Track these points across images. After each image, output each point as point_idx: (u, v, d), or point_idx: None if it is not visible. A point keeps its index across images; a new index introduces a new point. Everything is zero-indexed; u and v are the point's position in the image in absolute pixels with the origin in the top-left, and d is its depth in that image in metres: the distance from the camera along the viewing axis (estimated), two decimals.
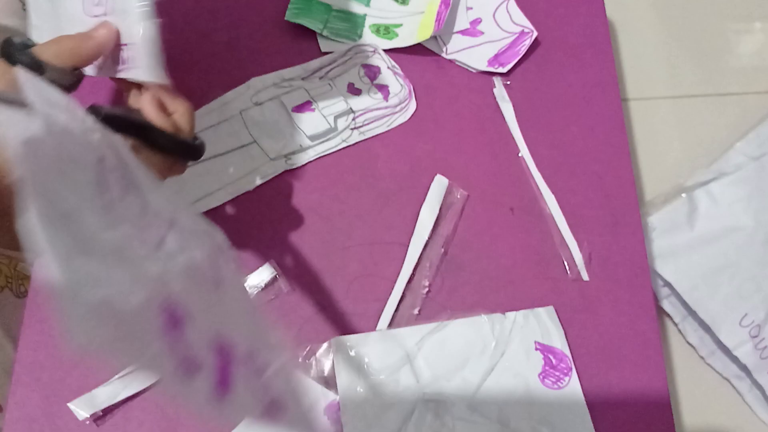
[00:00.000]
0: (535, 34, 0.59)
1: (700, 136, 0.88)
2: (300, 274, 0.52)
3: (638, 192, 0.63)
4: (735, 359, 0.78)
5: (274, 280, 0.51)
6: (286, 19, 0.60)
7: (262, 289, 0.51)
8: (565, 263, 0.53)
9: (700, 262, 0.78)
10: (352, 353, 0.48)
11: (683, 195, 0.80)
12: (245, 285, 0.51)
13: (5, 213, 0.84)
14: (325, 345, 0.48)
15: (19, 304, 0.65)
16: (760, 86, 0.95)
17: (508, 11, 0.60)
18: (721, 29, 0.97)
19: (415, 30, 0.59)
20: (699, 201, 0.81)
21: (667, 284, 0.80)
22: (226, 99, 0.57)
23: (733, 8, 0.97)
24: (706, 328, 0.79)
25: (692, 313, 0.79)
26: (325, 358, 0.48)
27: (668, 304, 0.81)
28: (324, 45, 0.60)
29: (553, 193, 0.55)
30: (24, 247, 0.65)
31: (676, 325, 0.81)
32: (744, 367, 0.78)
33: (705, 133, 0.89)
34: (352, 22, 0.60)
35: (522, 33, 0.59)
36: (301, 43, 0.60)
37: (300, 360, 0.48)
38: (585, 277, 0.52)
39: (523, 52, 0.58)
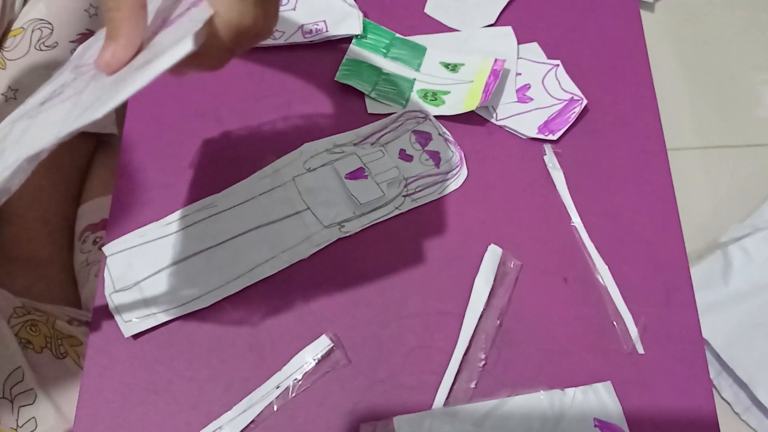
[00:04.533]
0: (585, 101, 0.59)
1: (730, 188, 0.89)
2: (356, 346, 0.52)
3: None
4: None
5: (330, 351, 0.51)
6: (336, 79, 0.60)
7: (319, 362, 0.51)
8: (620, 335, 0.53)
9: (736, 319, 0.79)
10: None
11: (718, 251, 0.80)
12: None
13: (31, 260, 0.84)
14: (388, 424, 0.48)
15: (61, 366, 0.65)
16: None
17: (557, 78, 0.61)
18: (747, 80, 0.98)
19: (462, 99, 0.59)
20: (733, 257, 0.82)
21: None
22: (278, 165, 0.57)
23: (757, 59, 0.98)
24: (741, 384, 0.79)
25: (727, 369, 0.79)
26: None
27: None
28: (371, 107, 0.60)
29: (606, 263, 0.55)
30: (59, 299, 0.65)
31: (710, 380, 0.81)
32: None
33: (734, 184, 0.90)
34: (400, 86, 0.61)
35: (572, 100, 0.59)
36: (350, 103, 0.60)
37: None
38: (640, 350, 0.52)
39: (573, 120, 0.59)
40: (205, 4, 0.33)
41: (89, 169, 0.86)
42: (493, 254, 0.54)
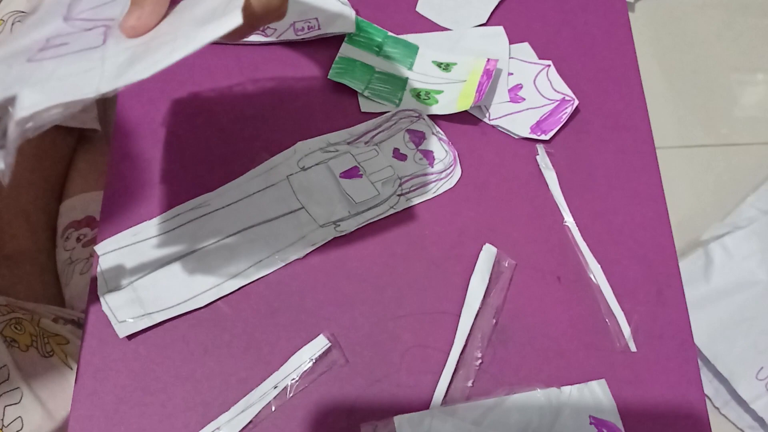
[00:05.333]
0: (576, 102, 0.60)
1: (710, 187, 0.90)
2: (353, 345, 0.52)
3: None
4: (750, 410, 0.80)
5: (328, 351, 0.51)
6: (328, 77, 0.60)
7: (316, 362, 0.51)
8: (613, 334, 0.53)
9: (717, 316, 0.80)
10: None
11: (699, 249, 0.82)
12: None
13: (12, 258, 0.83)
14: (389, 423, 0.48)
15: (47, 365, 0.64)
16: (763, 137, 0.98)
17: (548, 78, 0.61)
18: (725, 80, 1.00)
19: (455, 98, 0.60)
20: (714, 254, 0.83)
21: None
22: (272, 163, 0.57)
23: (735, 59, 1.00)
24: (721, 379, 0.81)
25: (707, 364, 0.81)
26: None
27: None
28: (364, 105, 0.60)
29: (598, 262, 0.56)
30: (42, 298, 0.64)
31: (700, 375, 0.83)
32: (759, 419, 0.79)
33: (713, 183, 0.92)
34: (393, 85, 0.61)
35: (563, 101, 0.60)
36: (343, 101, 0.60)
37: None
38: (633, 348, 0.53)
39: (565, 120, 0.59)
40: None
41: (71, 165, 0.84)
42: (488, 253, 0.55)
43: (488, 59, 0.60)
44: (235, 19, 0.31)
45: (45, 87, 0.33)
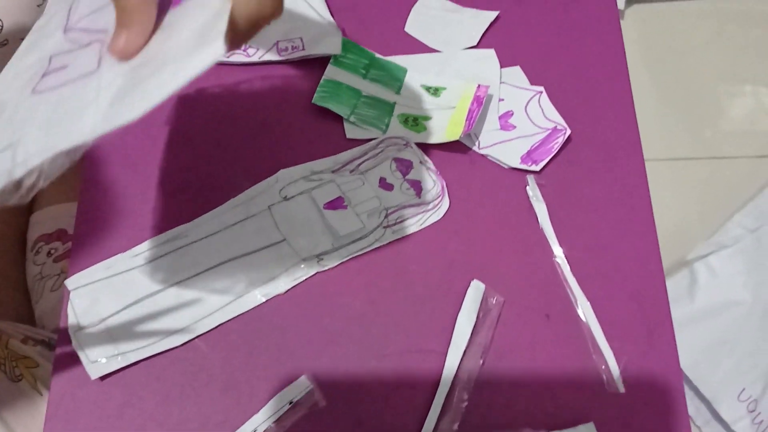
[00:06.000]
0: (568, 131, 0.58)
1: (696, 200, 0.90)
2: (336, 386, 0.50)
3: None
4: (732, 431, 0.80)
5: (309, 393, 0.49)
6: (313, 102, 0.58)
7: (297, 403, 0.49)
8: (602, 374, 0.52)
9: (701, 336, 0.80)
10: None
11: (685, 270, 0.81)
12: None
13: None
14: None
15: (15, 390, 0.62)
16: (751, 150, 0.97)
17: (540, 105, 0.59)
18: (713, 91, 0.99)
19: (444, 126, 0.58)
20: (699, 273, 0.83)
21: None
22: (253, 192, 0.55)
23: (724, 69, 0.99)
24: (702, 398, 0.81)
25: (688, 383, 0.80)
26: None
27: None
28: (350, 131, 0.58)
29: (588, 299, 0.54)
30: (11, 315, 0.61)
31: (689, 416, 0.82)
32: None
33: (700, 196, 0.91)
34: (380, 110, 0.59)
35: (555, 129, 0.58)
36: (328, 127, 0.58)
37: None
38: (621, 389, 0.52)
39: (557, 150, 0.58)
40: None
41: None
42: (476, 290, 0.53)
43: (479, 85, 0.58)
44: (217, 51, 0.30)
45: (49, 131, 0.33)
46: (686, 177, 0.91)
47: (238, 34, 0.34)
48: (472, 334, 0.52)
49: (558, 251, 0.56)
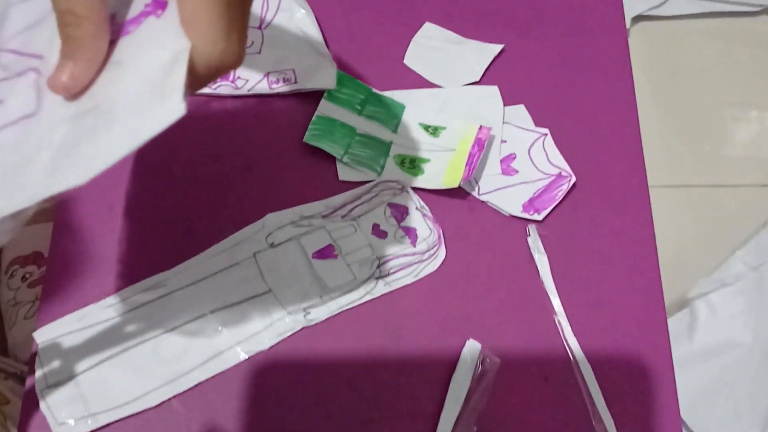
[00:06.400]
0: (573, 179, 0.55)
1: (697, 229, 0.87)
2: None
3: None
4: None
5: None
6: (304, 141, 0.54)
7: None
8: None
9: (699, 377, 0.78)
10: None
11: (686, 309, 0.79)
12: None
13: None
14: None
15: None
16: (754, 178, 0.94)
17: (544, 149, 0.56)
18: (718, 115, 0.96)
19: (442, 170, 0.54)
20: (699, 312, 0.80)
21: None
22: (237, 238, 0.52)
23: (730, 93, 0.96)
24: None
25: (685, 426, 0.78)
26: None
27: None
28: (343, 173, 0.54)
29: (588, 361, 0.51)
30: None
31: None
32: None
33: (701, 225, 0.88)
34: (376, 150, 0.55)
35: (559, 176, 0.55)
36: (319, 167, 0.55)
37: None
38: None
39: (560, 198, 0.55)
40: (177, 28, 0.28)
41: None
42: (471, 351, 0.50)
43: (480, 126, 0.55)
44: (175, 109, 0.27)
45: None
46: (688, 204, 0.88)
47: (194, 81, 0.30)
48: (466, 398, 0.49)
49: (558, 307, 0.53)
